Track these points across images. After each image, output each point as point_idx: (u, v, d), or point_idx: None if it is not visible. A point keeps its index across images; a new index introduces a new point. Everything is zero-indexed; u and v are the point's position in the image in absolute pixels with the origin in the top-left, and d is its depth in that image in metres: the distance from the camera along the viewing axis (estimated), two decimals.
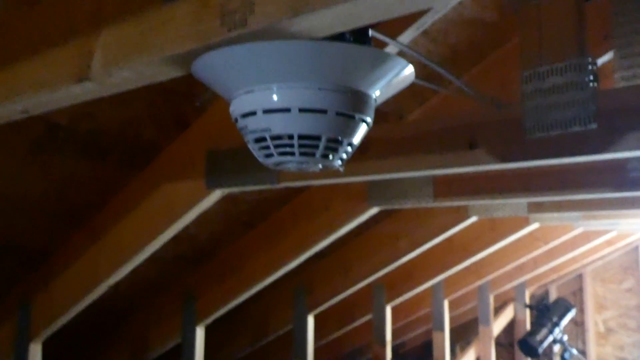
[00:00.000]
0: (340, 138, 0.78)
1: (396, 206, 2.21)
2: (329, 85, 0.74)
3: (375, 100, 0.82)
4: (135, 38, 0.72)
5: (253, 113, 0.77)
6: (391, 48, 1.42)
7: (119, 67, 0.72)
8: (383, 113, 2.11)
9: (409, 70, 0.83)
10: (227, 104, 1.76)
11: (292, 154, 0.77)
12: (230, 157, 1.70)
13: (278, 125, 0.76)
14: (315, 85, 0.74)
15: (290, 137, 0.76)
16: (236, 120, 0.81)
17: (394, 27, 1.25)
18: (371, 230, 2.88)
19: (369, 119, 0.82)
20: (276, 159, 0.79)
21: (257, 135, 0.78)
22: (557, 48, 1.20)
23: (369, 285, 3.26)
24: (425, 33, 1.79)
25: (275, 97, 0.75)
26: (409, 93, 2.16)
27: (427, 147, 1.38)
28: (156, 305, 2.73)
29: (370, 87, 0.79)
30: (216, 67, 0.75)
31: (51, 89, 0.76)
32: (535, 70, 1.23)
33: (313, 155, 0.78)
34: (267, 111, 0.76)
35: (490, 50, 2.04)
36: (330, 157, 0.79)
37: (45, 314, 2.10)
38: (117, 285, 2.04)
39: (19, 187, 1.79)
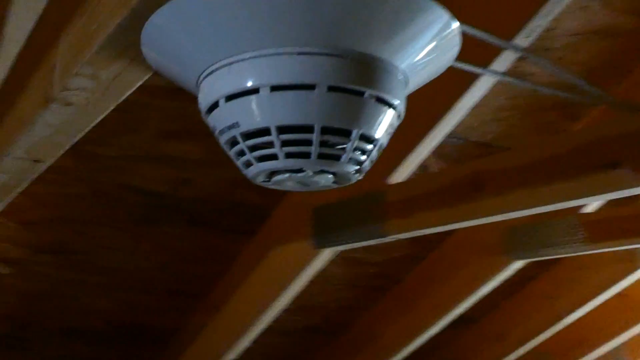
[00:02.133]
0: (342, 126, 0.50)
1: (542, 257, 1.91)
2: (315, 46, 0.48)
3: (405, 73, 0.53)
4: (80, 35, 0.59)
5: (216, 105, 0.53)
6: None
7: (72, 75, 0.60)
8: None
9: (453, 26, 0.54)
10: None
11: (275, 156, 0.53)
12: (336, 212, 1.55)
13: (247, 116, 0.52)
14: (292, 48, 0.48)
15: (266, 131, 0.52)
16: (206, 121, 0.59)
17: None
18: (525, 290, 2.56)
19: (395, 101, 0.53)
20: (257, 167, 0.57)
21: (228, 136, 0.55)
22: None
23: (530, 353, 2.89)
24: (546, 51, 1.55)
25: (236, 75, 0.50)
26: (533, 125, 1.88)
27: (552, 173, 1.13)
28: None
29: (389, 48, 0.50)
30: (165, 43, 0.54)
31: (33, 124, 0.66)
32: None
33: (307, 156, 0.52)
34: (229, 97, 0.52)
35: (634, 63, 1.73)
36: (334, 157, 0.53)
37: None
38: None
39: (132, 262, 1.77)
